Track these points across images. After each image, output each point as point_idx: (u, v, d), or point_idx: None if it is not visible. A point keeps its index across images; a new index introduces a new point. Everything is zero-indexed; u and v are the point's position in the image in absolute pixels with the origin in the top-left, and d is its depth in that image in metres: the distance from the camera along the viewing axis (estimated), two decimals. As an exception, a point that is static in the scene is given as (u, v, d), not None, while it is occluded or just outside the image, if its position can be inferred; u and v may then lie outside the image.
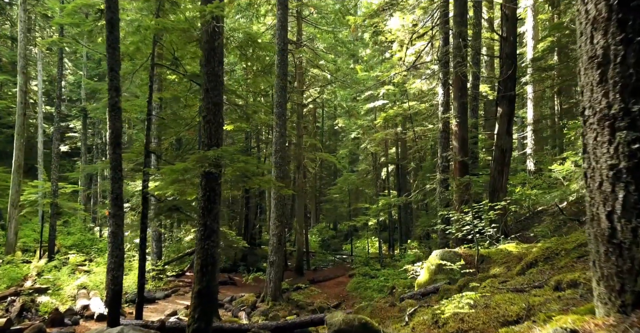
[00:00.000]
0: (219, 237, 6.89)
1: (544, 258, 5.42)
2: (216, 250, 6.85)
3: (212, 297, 6.71)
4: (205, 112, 7.00)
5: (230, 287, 17.05)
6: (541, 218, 15.04)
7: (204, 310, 6.55)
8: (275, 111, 14.53)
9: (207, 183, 6.80)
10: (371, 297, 15.53)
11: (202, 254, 6.71)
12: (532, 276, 4.76)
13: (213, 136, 6.95)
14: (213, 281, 6.76)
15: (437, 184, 13.22)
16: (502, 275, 6.39)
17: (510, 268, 7.20)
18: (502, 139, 12.20)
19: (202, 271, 6.66)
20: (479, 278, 6.78)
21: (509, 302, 3.40)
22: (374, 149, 25.03)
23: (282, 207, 14.36)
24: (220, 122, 7.07)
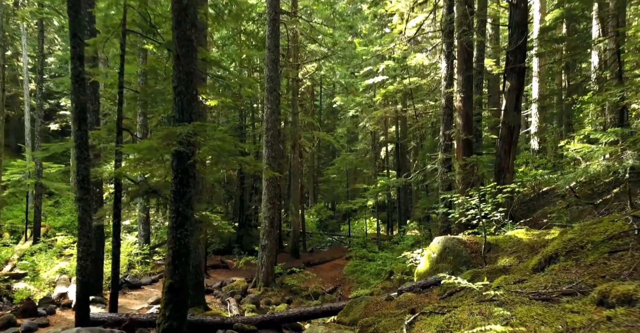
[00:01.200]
0: (193, 225, 6.10)
1: (566, 251, 4.63)
2: (190, 239, 6.06)
3: (185, 292, 5.96)
4: (176, 82, 6.10)
5: (222, 271, 16.42)
6: (548, 200, 14.28)
7: (177, 307, 5.81)
8: (266, 86, 13.59)
9: (179, 164, 5.96)
10: (368, 282, 14.91)
11: (174, 244, 5.93)
12: (555, 276, 3.96)
13: (185, 110, 6.08)
14: (187, 275, 6.00)
15: (438, 164, 12.39)
16: (515, 270, 5.61)
17: (522, 258, 6.43)
18: (509, 115, 11.30)
19: (173, 264, 5.89)
20: (486, 270, 6.01)
21: (537, 320, 2.62)
22: (373, 127, 24.10)
23: (274, 189, 13.57)
24: (193, 94, 6.18)
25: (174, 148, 5.83)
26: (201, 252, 10.53)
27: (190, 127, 5.64)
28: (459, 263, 7.34)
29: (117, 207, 8.07)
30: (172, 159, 6.05)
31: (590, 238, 4.57)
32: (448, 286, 6.23)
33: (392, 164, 28.02)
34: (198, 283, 10.46)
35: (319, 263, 19.02)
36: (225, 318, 7.43)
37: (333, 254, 21.46)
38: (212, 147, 5.70)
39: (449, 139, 12.18)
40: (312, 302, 12.95)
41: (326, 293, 13.86)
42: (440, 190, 12.17)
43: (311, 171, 36.26)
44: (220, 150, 5.86)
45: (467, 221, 8.23)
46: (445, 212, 9.62)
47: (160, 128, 7.91)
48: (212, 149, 5.91)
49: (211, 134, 5.94)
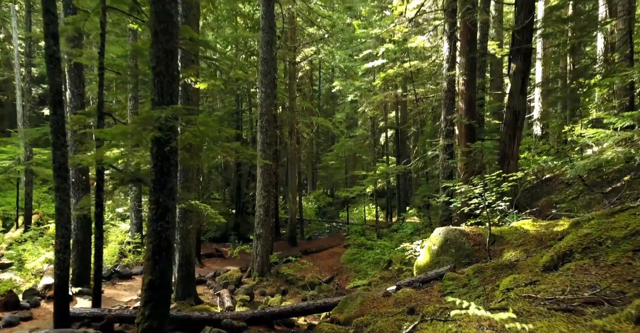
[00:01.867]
0: (175, 217, 5.64)
1: (582, 248, 4.18)
2: (172, 232, 5.60)
3: (167, 289, 5.53)
4: (154, 61, 5.57)
5: (217, 260, 16.06)
6: (551, 187, 13.83)
7: (158, 306, 5.38)
8: (260, 69, 13.01)
9: (159, 151, 5.47)
10: (366, 271, 14.55)
11: (154, 238, 5.47)
12: (573, 278, 3.51)
13: (165, 93, 5.55)
14: (168, 271, 5.56)
15: (439, 150, 11.90)
16: (522, 266, 5.17)
17: (529, 252, 5.99)
18: (514, 99, 10.76)
19: (153, 259, 5.44)
20: (492, 266, 5.57)
21: (563, 341, 2.19)
22: (372, 112, 23.52)
23: (269, 176, 13.10)
24: (174, 75, 5.65)
25: (152, 134, 5.34)
26: (191, 242, 10.12)
27: (169, 110, 5.13)
28: (461, 256, 6.91)
29: (99, 196, 7.61)
30: (151, 146, 5.56)
31: (610, 234, 4.11)
32: (451, 280, 5.82)
33: (391, 151, 27.54)
34: (189, 274, 10.08)
35: (316, 251, 18.66)
36: (213, 313, 7.03)
37: (331, 242, 21.10)
38: (193, 132, 5.19)
39: (450, 125, 11.67)
40: (308, 292, 12.59)
41: (323, 283, 13.49)
42: (441, 178, 11.70)
43: (310, 158, 35.77)
44: (201, 136, 5.36)
45: (469, 211, 7.77)
46: (447, 201, 9.17)
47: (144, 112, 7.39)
48: (193, 135, 5.41)
49: (193, 119, 5.43)
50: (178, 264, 10.00)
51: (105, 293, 10.77)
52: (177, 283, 10.05)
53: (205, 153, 6.19)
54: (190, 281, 10.07)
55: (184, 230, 9.95)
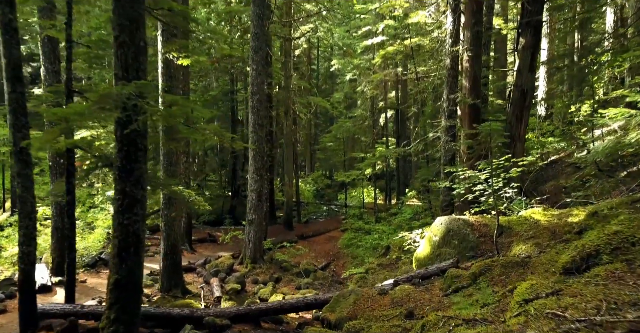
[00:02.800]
0: (144, 208, 5.00)
1: (610, 248, 3.55)
2: (141, 225, 4.97)
3: (136, 290, 4.93)
4: (117, 30, 4.83)
5: (210, 245, 15.54)
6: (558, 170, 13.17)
7: (125, 308, 4.79)
8: (251, 45, 12.20)
9: (125, 135, 4.79)
10: (363, 257, 14.03)
11: (121, 232, 4.84)
12: (606, 289, 2.89)
13: (130, 67, 4.83)
14: (138, 269, 4.94)
15: (441, 132, 11.20)
16: (536, 264, 4.55)
17: (542, 246, 5.38)
18: (523, 77, 10.04)
19: (119, 256, 4.82)
20: (501, 263, 4.95)
21: None
22: (371, 92, 22.70)
23: (261, 159, 12.43)
24: (140, 46, 4.92)
25: (112, 114, 4.65)
26: (177, 229, 9.53)
27: (132, 87, 4.42)
28: (465, 249, 6.31)
29: (69, 182, 6.97)
30: (115, 129, 4.87)
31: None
32: (454, 279, 5.22)
33: (391, 132, 26.80)
34: (175, 263, 9.52)
35: (312, 235, 18.13)
36: (194, 310, 6.47)
37: (328, 226, 20.57)
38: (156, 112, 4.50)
39: (453, 105, 10.94)
40: (302, 280, 12.08)
41: (318, 270, 12.98)
42: (443, 161, 11.04)
43: (308, 139, 35.02)
44: (167, 117, 4.68)
45: (473, 198, 7.14)
46: (449, 186, 8.52)
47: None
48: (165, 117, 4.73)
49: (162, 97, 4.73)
50: (163, 253, 9.43)
51: (88, 282, 10.24)
52: (162, 273, 9.51)
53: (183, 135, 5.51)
54: (177, 271, 9.52)
55: (168, 217, 9.34)
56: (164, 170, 9.31)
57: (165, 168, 9.29)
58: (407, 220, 14.46)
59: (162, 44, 8.83)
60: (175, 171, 9.34)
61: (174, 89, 9.25)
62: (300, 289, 11.42)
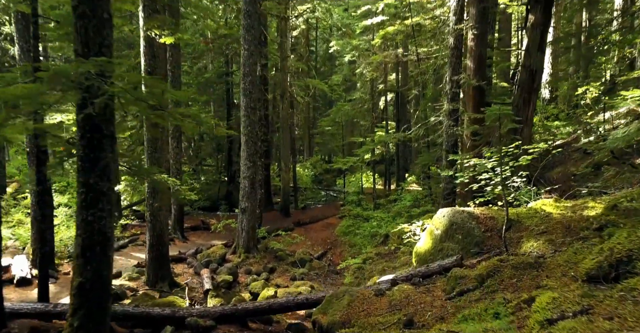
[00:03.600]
0: (112, 202, 4.46)
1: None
2: (108, 222, 4.43)
3: (104, 293, 4.41)
4: (76, 0, 4.22)
5: (203, 233, 15.06)
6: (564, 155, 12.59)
7: (90, 315, 4.28)
8: (243, 23, 11.50)
9: (86, 119, 4.21)
10: (361, 246, 13.58)
11: (85, 230, 4.31)
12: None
13: (91, 41, 4.23)
14: (105, 270, 4.42)
15: (443, 116, 10.60)
16: (552, 266, 4.03)
17: (556, 243, 4.85)
18: (531, 57, 9.38)
19: (84, 257, 4.29)
20: (511, 264, 4.43)
21: None
22: (371, 74, 21.94)
23: (254, 145, 11.85)
24: (104, 18, 4.30)
25: (74, 96, 4.06)
26: (163, 219, 9.01)
27: (91, 65, 3.82)
28: (470, 244, 5.79)
29: (40, 172, 6.41)
30: (77, 113, 4.29)
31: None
32: (458, 280, 4.71)
33: (391, 115, 26.15)
34: (161, 255, 9.03)
35: (309, 222, 17.66)
36: (177, 310, 5.99)
37: (326, 212, 20.10)
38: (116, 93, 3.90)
39: (456, 87, 10.30)
40: (297, 270, 11.65)
41: (314, 259, 12.54)
42: (445, 146, 10.46)
43: (306, 123, 34.35)
44: (133, 100, 4.08)
45: (479, 188, 6.59)
46: (452, 175, 7.96)
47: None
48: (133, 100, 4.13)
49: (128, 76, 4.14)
50: (149, 244, 8.94)
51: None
52: (148, 265, 9.04)
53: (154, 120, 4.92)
54: (164, 263, 9.04)
55: (153, 207, 8.82)
56: (147, 157, 8.75)
57: (149, 155, 8.72)
58: (407, 207, 13.96)
59: (144, 21, 8.17)
60: (160, 159, 8.77)
61: (157, 70, 8.62)
62: (295, 280, 10.99)
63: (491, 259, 5.18)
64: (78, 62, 3.89)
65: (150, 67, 8.52)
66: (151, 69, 8.51)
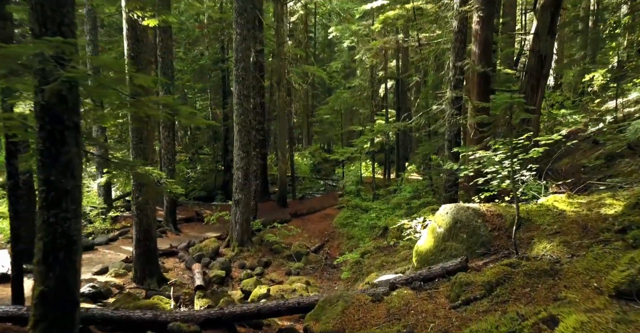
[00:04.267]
0: (78, 201, 3.99)
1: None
2: (74, 223, 3.96)
3: (69, 303, 3.96)
4: (30, -29, 3.69)
5: (196, 225, 14.64)
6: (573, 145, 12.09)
7: (54, 327, 3.84)
8: (235, 6, 10.90)
9: (45, 109, 3.71)
10: (359, 238, 13.16)
11: (46, 232, 3.84)
12: None
13: (49, 20, 3.70)
14: (71, 276, 3.96)
15: (446, 104, 10.06)
16: (569, 274, 3.57)
17: (572, 246, 4.39)
18: (541, 41, 8.85)
19: (46, 262, 3.83)
20: (523, 270, 3.98)
21: None
22: (370, 61, 21.28)
23: (247, 134, 11.34)
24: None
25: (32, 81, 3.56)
26: (151, 213, 8.55)
27: (44, 45, 3.30)
28: (476, 244, 5.33)
29: (10, 164, 5.93)
30: (35, 100, 3.79)
31: None
32: (463, 287, 4.26)
33: (391, 103, 25.54)
34: (149, 250, 8.59)
35: (307, 213, 17.24)
36: (159, 314, 5.55)
37: (323, 202, 19.67)
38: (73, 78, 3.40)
39: (460, 73, 9.75)
40: (293, 264, 11.24)
41: (311, 253, 12.13)
42: (447, 136, 9.95)
43: (305, 110, 33.79)
44: (87, 85, 3.57)
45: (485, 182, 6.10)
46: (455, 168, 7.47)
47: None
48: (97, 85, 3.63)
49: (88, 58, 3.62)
50: (135, 240, 8.50)
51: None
52: (135, 261, 8.61)
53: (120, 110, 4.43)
54: (152, 258, 8.61)
55: (140, 201, 8.35)
56: (132, 148, 8.27)
57: (134, 146, 8.24)
58: (407, 199, 13.50)
59: (125, 1, 7.60)
60: (146, 149, 8.28)
61: (142, 55, 8.08)
62: (290, 275, 10.59)
63: (499, 262, 4.74)
64: (32, 43, 3.37)
65: (134, 52, 7.97)
66: (135, 54, 7.97)
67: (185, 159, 26.87)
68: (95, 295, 7.26)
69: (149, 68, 8.26)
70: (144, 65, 8.11)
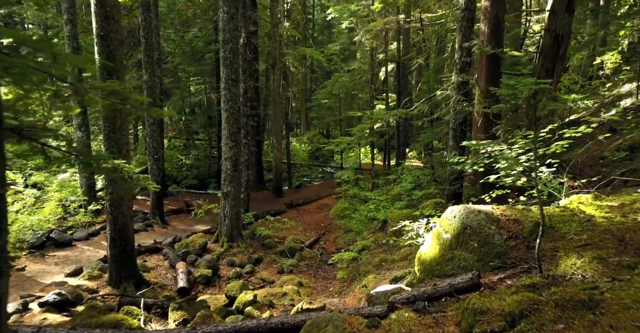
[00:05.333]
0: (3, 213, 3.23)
1: None
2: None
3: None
4: None
5: (186, 217, 13.90)
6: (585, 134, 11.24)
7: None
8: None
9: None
10: (357, 232, 12.45)
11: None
12: None
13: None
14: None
15: (451, 89, 9.22)
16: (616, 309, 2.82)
17: (610, 265, 3.62)
18: (557, 19, 7.94)
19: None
20: (554, 300, 3.22)
21: None
22: (370, 43, 20.30)
23: (236, 122, 10.51)
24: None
25: None
26: (127, 211, 7.79)
27: None
28: (488, 255, 4.57)
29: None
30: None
31: None
32: (477, 316, 3.51)
33: (391, 87, 24.62)
34: (126, 251, 7.86)
35: (303, 203, 16.53)
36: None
37: (321, 191, 18.96)
38: None
39: (467, 55, 8.88)
40: (286, 260, 10.55)
41: (305, 248, 11.43)
42: (452, 124, 9.13)
43: (303, 95, 32.83)
44: (5, 68, 2.79)
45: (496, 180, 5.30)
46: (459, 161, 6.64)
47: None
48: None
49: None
50: (110, 239, 7.76)
51: (28, 270, 8.65)
52: (110, 263, 7.89)
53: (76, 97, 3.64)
54: (128, 259, 7.88)
55: (114, 196, 7.58)
56: (105, 138, 7.47)
57: (106, 136, 7.44)
58: (408, 190, 12.73)
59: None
60: (120, 140, 7.47)
61: (113, 34, 7.21)
62: (282, 273, 9.92)
63: (519, 279, 3.99)
64: None
65: (104, 31, 7.11)
66: (104, 33, 7.10)
67: (180, 146, 26.06)
68: (61, 304, 6.55)
69: (121, 49, 7.38)
70: (114, 46, 7.24)
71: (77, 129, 12.50)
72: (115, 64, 7.23)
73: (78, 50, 12.06)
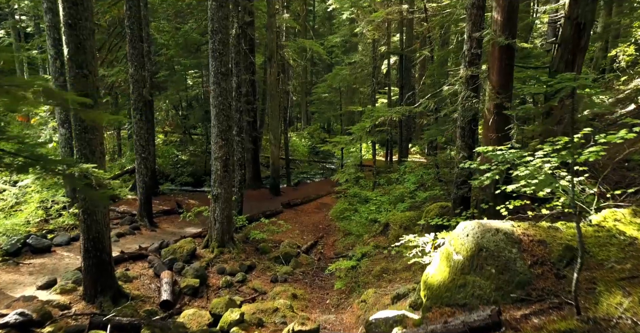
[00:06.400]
0: None
1: None
2: None
3: None
4: None
5: (177, 218, 13.17)
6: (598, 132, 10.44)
7: None
8: (209, -34, 9.16)
9: None
10: (357, 235, 11.72)
11: None
12: None
13: None
14: None
15: (459, 84, 8.44)
16: None
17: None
18: (579, 6, 7.15)
19: None
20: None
21: None
22: (372, 34, 19.44)
23: (227, 119, 9.76)
24: None
25: None
26: (102, 218, 7.06)
27: None
28: (509, 285, 3.84)
29: None
30: None
31: None
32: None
33: (394, 81, 23.78)
34: (101, 262, 7.14)
35: (301, 203, 15.82)
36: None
37: (320, 189, 18.24)
38: None
39: (478, 46, 8.08)
40: (281, 267, 9.85)
41: (302, 254, 10.74)
42: (460, 122, 8.34)
43: (303, 88, 32.04)
44: None
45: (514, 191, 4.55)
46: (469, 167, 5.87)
47: None
48: None
49: None
50: (83, 250, 7.05)
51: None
52: (84, 276, 7.19)
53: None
54: (104, 271, 7.17)
55: (87, 203, 6.87)
56: (76, 139, 6.73)
57: (77, 136, 6.70)
58: (410, 193, 12.00)
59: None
60: (93, 141, 6.73)
61: (83, 23, 6.45)
62: (276, 282, 9.23)
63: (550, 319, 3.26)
64: None
65: (72, 19, 6.34)
66: (72, 21, 6.34)
67: (176, 141, 25.34)
68: (24, 325, 5.86)
69: (92, 39, 6.61)
70: (85, 35, 6.48)
71: (60, 125, 11.78)
72: (85, 56, 6.48)
73: (60, 41, 11.29)
